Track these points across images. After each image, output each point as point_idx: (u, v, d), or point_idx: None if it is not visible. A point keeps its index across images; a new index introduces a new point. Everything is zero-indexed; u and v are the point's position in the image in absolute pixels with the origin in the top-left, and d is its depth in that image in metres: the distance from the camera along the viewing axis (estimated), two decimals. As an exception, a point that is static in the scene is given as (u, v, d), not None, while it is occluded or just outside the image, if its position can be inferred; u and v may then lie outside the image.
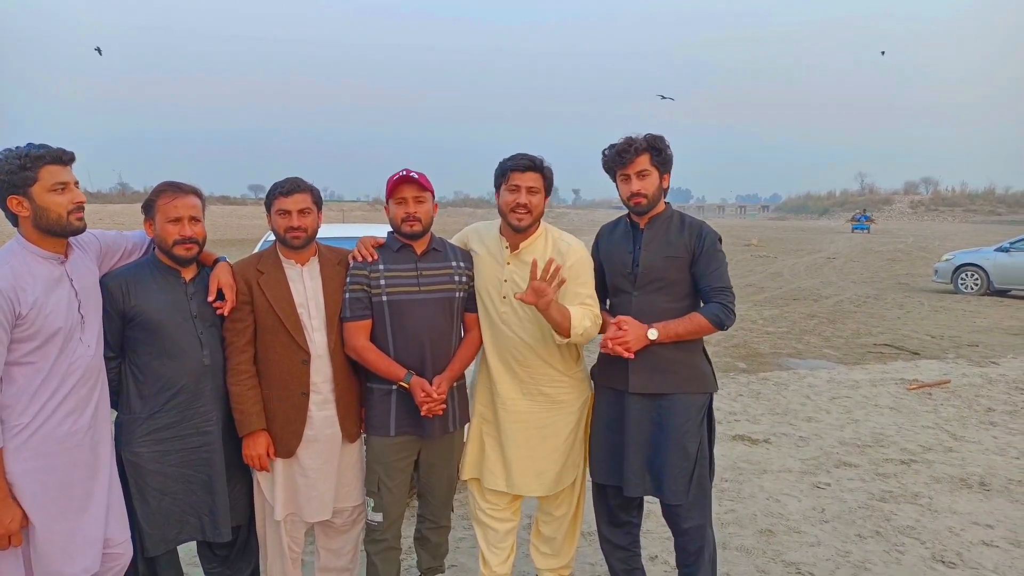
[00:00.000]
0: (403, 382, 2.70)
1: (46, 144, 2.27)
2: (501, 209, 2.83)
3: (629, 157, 2.75)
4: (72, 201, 2.28)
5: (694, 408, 2.77)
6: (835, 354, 8.75)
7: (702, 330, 2.74)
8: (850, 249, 28.05)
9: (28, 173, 2.21)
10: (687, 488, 2.75)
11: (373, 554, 2.92)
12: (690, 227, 2.81)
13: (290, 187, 2.68)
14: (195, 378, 2.58)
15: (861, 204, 67.77)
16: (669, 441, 2.74)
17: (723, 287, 2.74)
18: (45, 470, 2.26)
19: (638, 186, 2.76)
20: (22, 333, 2.19)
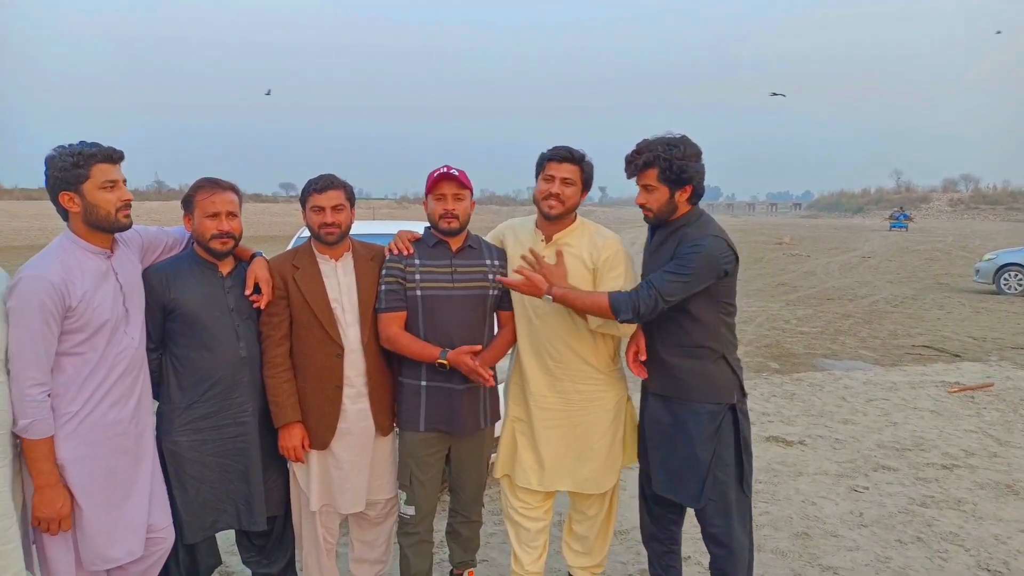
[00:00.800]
0: (440, 359, 2.69)
1: (97, 143, 2.34)
2: (535, 198, 2.84)
3: (631, 171, 2.68)
4: (120, 199, 2.35)
5: (706, 417, 2.67)
6: (871, 355, 8.59)
7: (597, 309, 2.59)
8: (886, 248, 27.53)
9: (80, 171, 2.28)
10: (699, 494, 2.68)
11: (406, 547, 2.94)
12: (682, 236, 2.65)
13: (324, 184, 2.71)
14: (232, 370, 2.63)
15: (897, 202, 66.39)
16: (681, 446, 2.70)
17: (650, 283, 2.54)
18: (92, 457, 2.33)
19: (642, 199, 2.69)
20: (72, 325, 2.26)
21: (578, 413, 2.87)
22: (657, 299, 2.52)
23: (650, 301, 2.52)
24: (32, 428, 2.18)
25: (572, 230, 2.85)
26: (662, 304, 2.53)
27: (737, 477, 2.72)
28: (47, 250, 2.34)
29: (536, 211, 2.91)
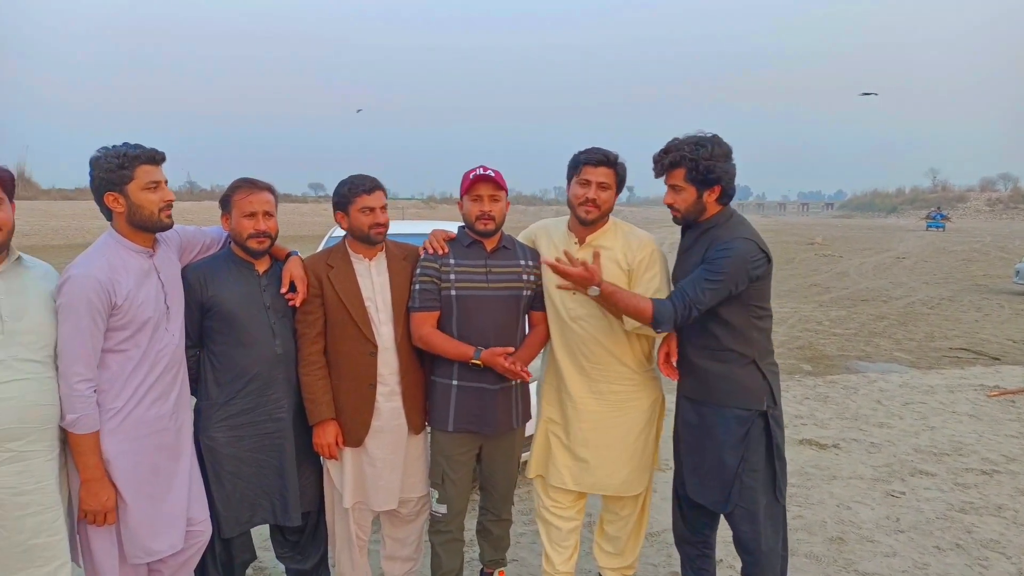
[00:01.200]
0: (473, 359, 2.69)
1: (140, 144, 2.39)
2: (570, 201, 2.82)
3: (658, 171, 2.64)
4: (163, 199, 2.40)
5: (733, 422, 2.61)
6: (907, 358, 8.43)
7: (637, 313, 2.52)
8: (921, 248, 26.99)
9: (125, 171, 2.33)
10: (726, 499, 2.65)
11: (437, 545, 2.95)
12: (712, 239, 2.59)
13: (372, 185, 2.75)
14: (268, 366, 2.66)
15: (933, 202, 65.05)
16: (709, 450, 2.67)
17: (685, 292, 2.49)
18: (135, 452, 2.37)
19: (670, 199, 2.65)
20: (117, 322, 2.31)
21: (614, 414, 2.86)
22: (690, 307, 2.49)
23: (684, 311, 2.49)
24: (79, 423, 2.23)
25: (605, 231, 2.84)
26: (695, 312, 2.49)
27: (768, 483, 2.65)
28: (93, 249, 2.39)
29: (568, 212, 2.91)
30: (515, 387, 2.85)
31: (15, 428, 2.08)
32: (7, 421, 2.07)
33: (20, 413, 2.09)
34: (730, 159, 2.62)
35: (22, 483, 2.11)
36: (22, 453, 2.11)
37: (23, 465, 2.11)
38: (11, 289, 2.14)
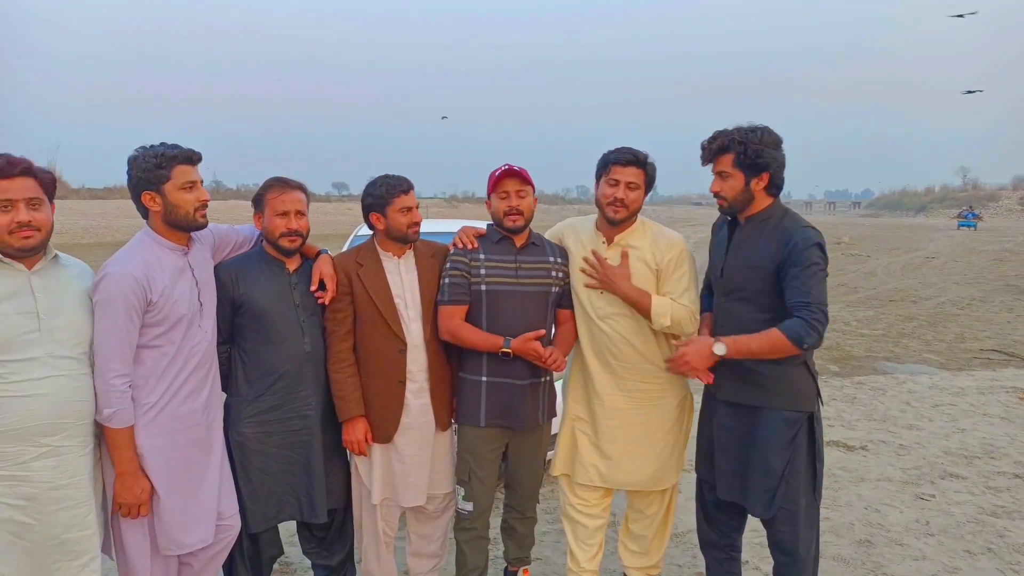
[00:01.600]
0: (504, 348, 2.70)
1: (178, 144, 2.42)
2: (598, 201, 2.81)
3: (705, 157, 2.61)
4: (199, 199, 2.43)
5: (782, 425, 2.55)
6: (937, 359, 8.30)
7: (778, 348, 2.41)
8: (951, 248, 26.54)
9: (162, 171, 2.37)
10: (770, 503, 2.59)
11: (463, 542, 2.96)
12: (783, 231, 2.51)
13: (408, 185, 2.78)
14: (297, 364, 2.69)
15: (963, 201, 63.89)
16: (753, 455, 2.61)
17: (806, 302, 2.40)
18: (168, 447, 2.41)
19: (716, 187, 2.60)
20: (152, 318, 2.35)
21: (642, 411, 2.86)
22: (820, 309, 2.40)
23: (819, 316, 2.40)
24: (115, 417, 2.27)
25: (633, 231, 2.83)
26: (826, 311, 2.42)
27: (809, 484, 2.62)
28: (129, 246, 2.43)
29: (594, 211, 2.91)
30: (543, 383, 2.86)
31: (51, 424, 2.12)
32: (44, 417, 2.11)
33: (56, 409, 2.13)
34: (780, 148, 2.58)
35: (57, 478, 2.15)
36: (57, 448, 2.15)
37: (58, 460, 2.15)
38: (48, 287, 2.18)
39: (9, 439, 2.06)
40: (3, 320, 2.06)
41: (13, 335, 2.07)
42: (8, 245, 2.11)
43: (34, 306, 2.12)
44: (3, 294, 2.08)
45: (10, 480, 2.07)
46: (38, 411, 2.09)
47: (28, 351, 2.09)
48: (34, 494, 2.11)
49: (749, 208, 2.61)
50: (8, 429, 2.05)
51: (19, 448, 2.08)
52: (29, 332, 2.10)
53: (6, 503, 2.07)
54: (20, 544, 2.11)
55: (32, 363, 2.09)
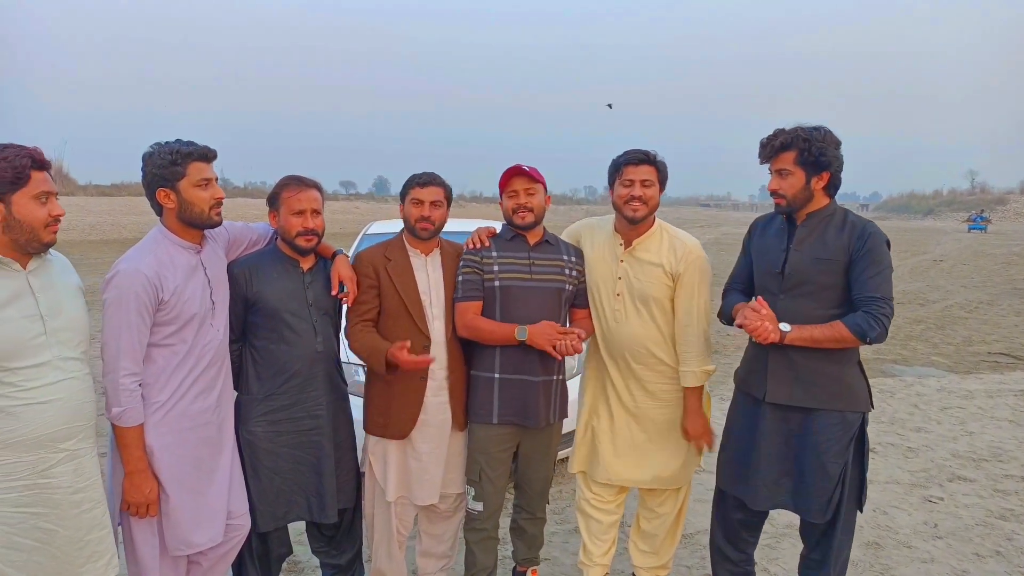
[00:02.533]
0: (517, 337, 2.70)
1: (193, 141, 2.40)
2: (615, 203, 2.83)
3: (767, 153, 2.58)
4: (213, 196, 2.42)
5: (840, 427, 2.52)
6: (945, 362, 8.27)
7: (842, 339, 2.42)
8: (959, 251, 26.41)
9: (178, 168, 2.35)
10: (826, 508, 2.55)
11: (472, 542, 2.97)
12: (851, 227, 2.51)
13: (427, 179, 2.78)
14: (309, 363, 2.69)
15: (971, 204, 63.66)
16: (808, 459, 2.55)
17: (877, 297, 2.40)
18: (178, 445, 2.40)
19: (775, 185, 2.57)
20: (163, 317, 2.34)
21: (658, 410, 2.88)
22: (886, 303, 2.41)
23: (887, 310, 2.41)
24: (124, 416, 2.26)
25: (652, 234, 2.85)
26: (892, 306, 2.44)
27: (854, 490, 2.59)
28: (141, 244, 2.41)
29: (609, 211, 2.93)
30: (555, 382, 2.87)
31: (68, 428, 2.07)
32: (61, 422, 2.05)
33: (72, 413, 2.08)
34: (839, 148, 2.56)
35: (77, 481, 2.11)
36: (75, 452, 2.11)
37: (76, 463, 2.11)
38: (44, 286, 2.09)
39: (30, 447, 2.00)
40: (10, 326, 1.97)
41: (23, 340, 1.99)
42: (39, 240, 2.03)
43: (36, 308, 2.04)
44: (5, 298, 1.98)
45: (32, 489, 2.02)
46: (55, 417, 2.04)
47: (38, 356, 2.02)
48: (57, 500, 2.06)
49: (808, 207, 2.58)
50: (28, 438, 2.00)
51: (39, 456, 2.02)
52: (36, 336, 2.02)
53: (29, 511, 2.02)
54: (46, 550, 2.06)
55: (43, 368, 2.02)
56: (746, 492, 2.69)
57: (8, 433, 1.97)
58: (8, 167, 1.95)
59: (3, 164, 1.95)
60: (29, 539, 2.03)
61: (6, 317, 1.97)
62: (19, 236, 2.00)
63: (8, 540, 2.00)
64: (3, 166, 1.95)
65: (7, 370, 1.97)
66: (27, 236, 2.00)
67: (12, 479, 1.99)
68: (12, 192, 1.97)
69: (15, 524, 2.00)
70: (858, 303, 2.45)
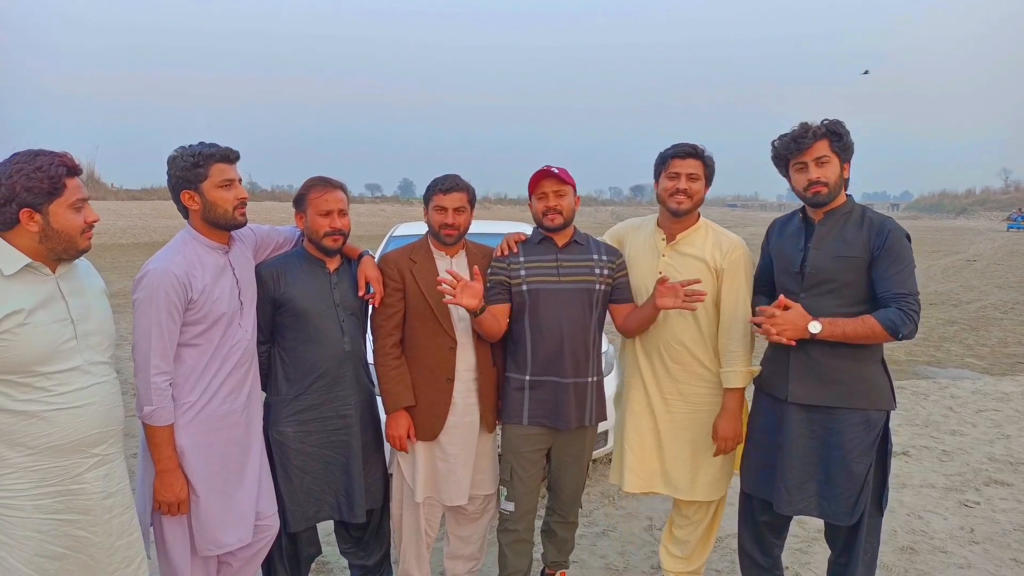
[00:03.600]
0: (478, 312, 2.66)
1: (216, 143, 2.43)
2: (660, 196, 2.81)
3: (807, 143, 2.52)
4: (237, 197, 2.44)
5: (864, 426, 2.50)
6: (979, 364, 8.10)
7: (874, 335, 2.41)
8: (993, 251, 25.88)
9: (200, 170, 2.37)
10: (852, 510, 2.51)
11: (504, 544, 2.95)
12: (871, 223, 2.51)
13: (450, 185, 2.78)
14: (337, 363, 2.70)
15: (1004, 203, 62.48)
16: (833, 460, 2.52)
17: (903, 293, 2.40)
18: (208, 446, 2.42)
19: (817, 174, 2.52)
20: (192, 316, 2.36)
21: (693, 416, 2.84)
22: (913, 299, 2.43)
23: (916, 305, 2.42)
24: (155, 415, 2.28)
25: (696, 229, 2.83)
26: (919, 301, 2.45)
27: (878, 491, 2.57)
28: (170, 245, 2.44)
29: (645, 212, 2.91)
30: (589, 384, 2.83)
31: (100, 433, 2.07)
32: (93, 427, 2.04)
33: (103, 417, 2.08)
34: None
35: (109, 486, 2.10)
36: (106, 456, 2.10)
37: (108, 468, 2.11)
38: (73, 290, 2.08)
39: (63, 453, 1.99)
40: (43, 330, 1.95)
41: (54, 345, 1.97)
42: (76, 248, 2.03)
43: (67, 313, 2.03)
44: (38, 302, 1.96)
45: (65, 495, 2.00)
46: (88, 422, 2.03)
47: (69, 360, 2.01)
48: (89, 506, 2.05)
49: (833, 202, 2.57)
50: (62, 443, 1.99)
51: (73, 461, 2.01)
52: (67, 340, 2.01)
53: (60, 518, 2.00)
54: (77, 558, 2.04)
55: (74, 372, 2.01)
56: (772, 495, 2.66)
57: (42, 438, 1.96)
58: (44, 177, 1.93)
59: (39, 175, 1.92)
60: (60, 547, 2.01)
61: (38, 321, 1.96)
62: (56, 245, 2.00)
63: (41, 548, 1.98)
64: (39, 176, 1.92)
65: (40, 375, 1.95)
66: (65, 244, 2.01)
67: (46, 485, 1.98)
68: (49, 203, 1.95)
69: (47, 531, 1.98)
70: (885, 300, 2.44)
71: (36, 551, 1.97)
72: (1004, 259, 22.70)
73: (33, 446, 1.96)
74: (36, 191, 1.93)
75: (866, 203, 2.93)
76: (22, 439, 1.95)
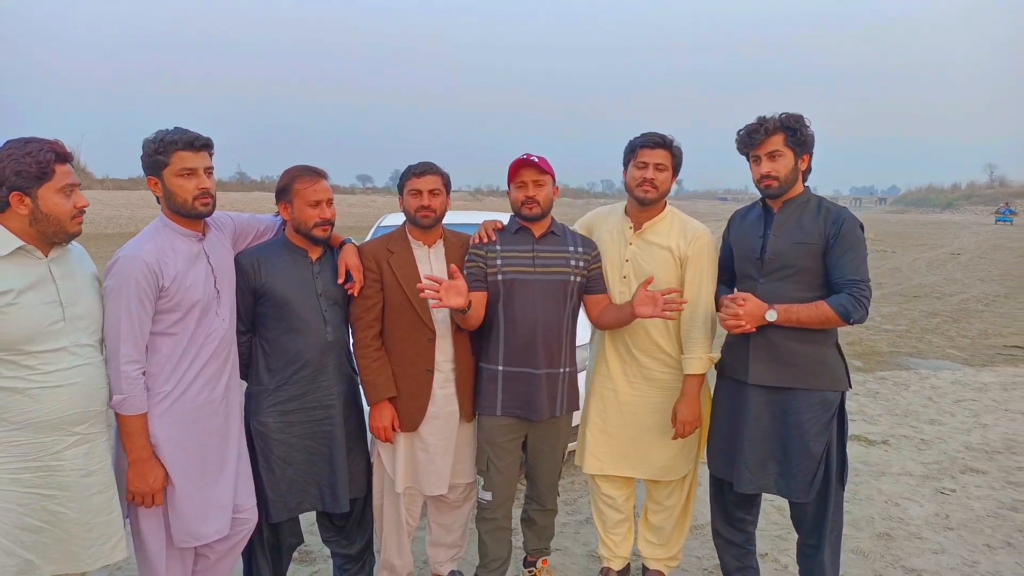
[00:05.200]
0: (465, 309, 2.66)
1: (183, 129, 2.38)
2: (628, 185, 2.86)
3: (759, 137, 2.62)
4: (198, 187, 2.36)
5: (820, 406, 2.61)
6: (960, 355, 8.21)
7: (827, 320, 2.53)
8: (977, 244, 26.13)
9: (161, 157, 2.34)
10: (809, 488, 2.62)
11: (483, 532, 2.99)
12: (827, 212, 2.62)
13: (423, 168, 2.78)
14: (319, 353, 2.69)
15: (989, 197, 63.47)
16: (792, 439, 2.63)
17: (856, 279, 2.52)
18: (184, 436, 2.40)
19: (768, 168, 2.63)
20: (165, 304, 2.34)
21: (656, 399, 2.89)
22: (864, 286, 2.53)
23: (867, 291, 2.53)
24: (126, 404, 2.26)
25: (662, 218, 2.87)
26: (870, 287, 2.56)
27: (839, 469, 2.67)
28: (143, 232, 2.42)
29: (627, 199, 2.95)
30: (562, 374, 2.86)
31: (82, 412, 2.13)
32: (75, 406, 2.11)
33: (86, 397, 2.14)
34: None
35: (89, 464, 2.16)
36: (87, 435, 2.16)
37: (89, 447, 2.17)
38: (64, 274, 2.15)
39: (44, 429, 2.07)
40: (30, 311, 2.04)
41: (42, 326, 2.05)
42: (65, 232, 2.11)
43: (56, 295, 2.10)
44: (28, 284, 2.05)
45: (44, 470, 2.08)
46: (70, 401, 2.10)
47: (56, 341, 2.08)
48: (67, 483, 2.11)
49: (789, 192, 2.67)
50: (44, 420, 2.06)
51: (54, 438, 2.08)
52: (55, 322, 2.08)
53: (39, 493, 2.08)
54: (52, 532, 2.11)
55: (60, 353, 2.09)
56: (733, 475, 2.76)
57: (25, 414, 2.05)
58: (33, 162, 2.03)
59: (28, 159, 2.02)
60: (38, 520, 2.09)
61: (27, 302, 2.04)
62: (46, 228, 2.09)
63: (19, 520, 2.06)
64: (28, 161, 2.02)
65: (26, 353, 2.04)
66: (54, 228, 2.10)
67: (26, 459, 2.06)
68: (38, 186, 2.05)
69: (26, 504, 2.07)
70: (838, 286, 2.56)
71: (14, 523, 2.06)
72: (987, 253, 22.94)
73: (16, 422, 2.04)
74: (25, 175, 2.03)
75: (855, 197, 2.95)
76: (5, 414, 2.03)
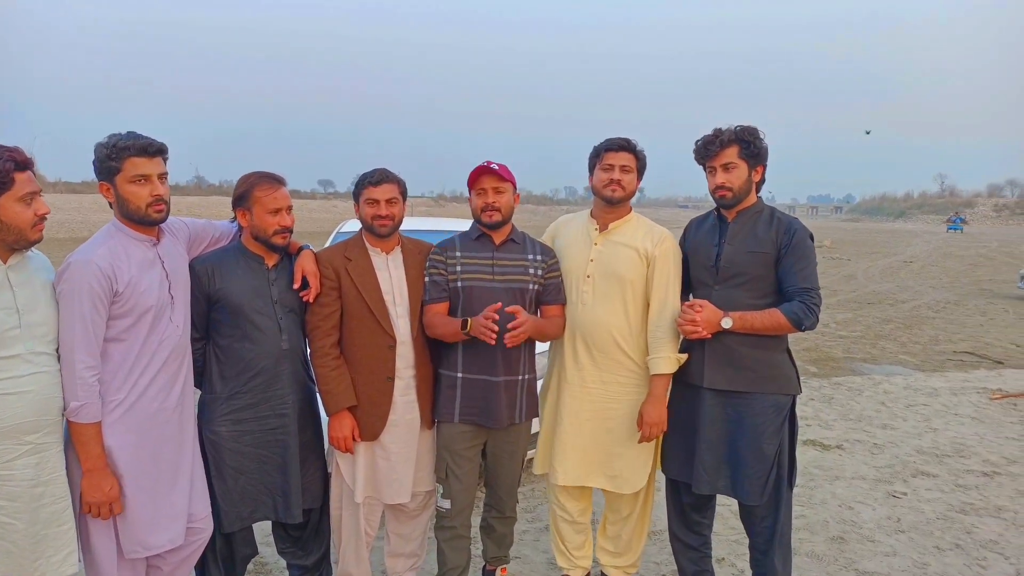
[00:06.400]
0: (464, 331, 2.65)
1: (136, 134, 2.33)
2: (595, 187, 2.90)
3: (715, 149, 2.70)
4: (152, 194, 2.32)
5: (772, 409, 2.69)
6: (912, 360, 8.42)
7: (779, 326, 2.62)
8: (928, 252, 26.93)
9: (113, 163, 2.29)
10: (762, 490, 2.69)
11: (442, 541, 2.97)
12: (779, 222, 2.71)
13: (379, 177, 2.76)
14: (274, 361, 2.65)
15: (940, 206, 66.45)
16: (745, 441, 2.69)
17: (807, 287, 2.62)
18: (137, 445, 2.35)
19: (723, 179, 2.71)
20: (118, 310, 2.29)
21: (612, 406, 2.88)
22: (815, 294, 2.63)
23: (818, 299, 2.62)
24: (82, 411, 2.20)
25: (628, 220, 2.92)
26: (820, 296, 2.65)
27: (789, 472, 2.74)
28: (96, 237, 2.37)
29: (591, 205, 3.00)
30: (520, 381, 2.85)
31: (34, 421, 2.09)
32: (28, 414, 2.07)
33: (39, 406, 2.10)
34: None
35: (39, 475, 2.11)
36: (39, 445, 2.11)
37: (40, 457, 2.12)
38: (22, 281, 2.13)
39: None
40: None
41: None
42: (26, 240, 2.10)
43: (13, 302, 2.07)
44: None
45: None
46: (22, 409, 2.05)
47: (10, 348, 2.04)
48: (16, 493, 2.06)
49: (743, 202, 2.75)
50: None
51: (4, 447, 2.03)
52: (11, 329, 2.05)
53: None
54: (0, 544, 2.05)
55: (14, 360, 2.05)
56: (690, 476, 2.81)
57: None
58: None
59: None
60: None
61: None
62: (6, 237, 2.07)
63: None
64: None
65: None
66: (15, 236, 2.08)
67: None
68: None
69: None
70: (790, 294, 2.65)
71: None
72: (938, 260, 23.65)
73: None
74: None
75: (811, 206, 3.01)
76: None
